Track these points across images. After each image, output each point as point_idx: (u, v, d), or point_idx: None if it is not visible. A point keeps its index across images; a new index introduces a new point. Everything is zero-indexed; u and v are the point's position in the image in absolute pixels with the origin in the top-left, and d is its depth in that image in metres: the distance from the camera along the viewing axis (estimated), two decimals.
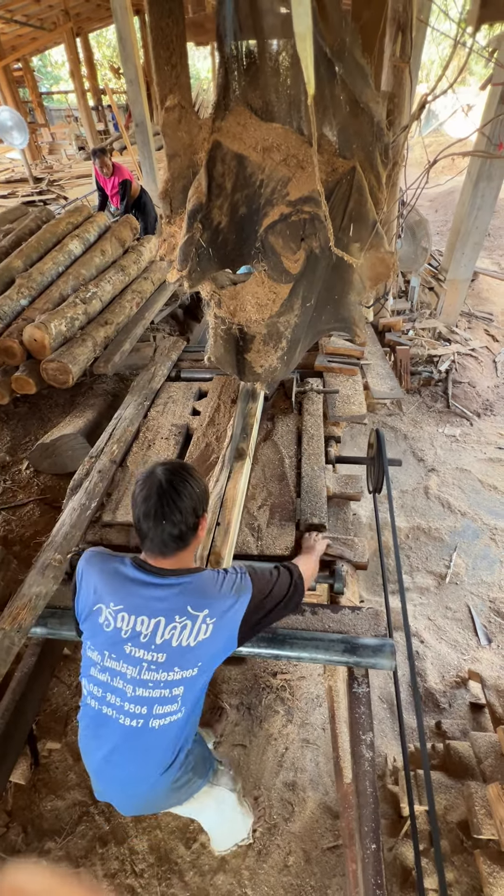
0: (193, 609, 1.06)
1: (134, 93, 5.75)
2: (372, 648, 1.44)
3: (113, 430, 2.42)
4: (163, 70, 1.49)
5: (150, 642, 1.06)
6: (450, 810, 1.53)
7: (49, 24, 10.78)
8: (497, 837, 1.31)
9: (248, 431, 2.11)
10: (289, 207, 1.65)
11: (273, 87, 1.56)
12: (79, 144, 13.10)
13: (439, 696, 2.22)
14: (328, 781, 1.94)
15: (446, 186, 8.35)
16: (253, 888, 1.68)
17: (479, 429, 3.98)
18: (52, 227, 3.76)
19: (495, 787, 1.34)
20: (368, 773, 1.30)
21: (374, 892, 1.13)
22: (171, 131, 1.57)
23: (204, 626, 1.06)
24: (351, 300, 2.08)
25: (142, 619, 1.06)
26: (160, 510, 1.05)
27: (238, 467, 1.96)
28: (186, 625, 1.05)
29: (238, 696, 2.21)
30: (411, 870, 1.56)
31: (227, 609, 1.09)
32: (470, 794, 1.42)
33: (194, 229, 1.65)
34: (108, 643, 1.09)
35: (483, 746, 1.62)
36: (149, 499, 1.07)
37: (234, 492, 1.85)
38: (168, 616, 1.06)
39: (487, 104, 3.57)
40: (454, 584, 2.80)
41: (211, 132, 1.57)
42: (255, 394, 2.31)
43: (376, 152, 1.65)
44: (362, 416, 2.53)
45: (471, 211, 4.05)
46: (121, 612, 1.07)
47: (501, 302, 5.43)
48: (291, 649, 1.47)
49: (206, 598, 1.09)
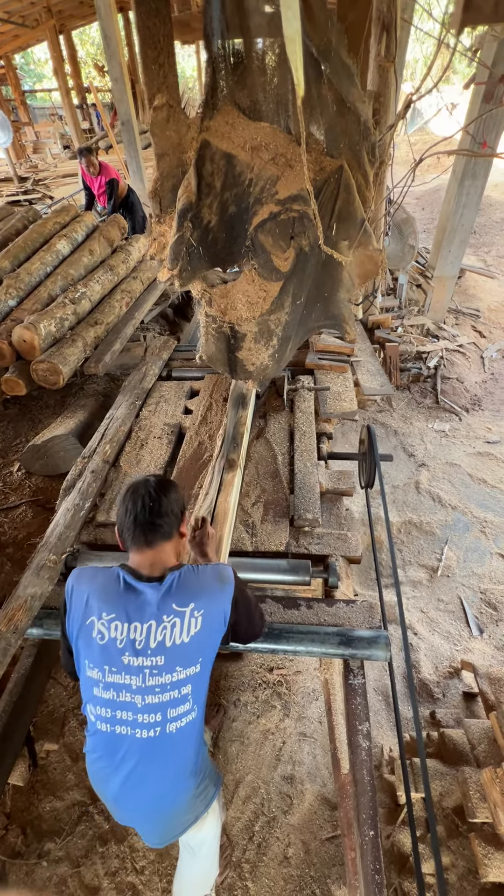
0: (178, 605, 1.06)
1: (119, 91, 5.71)
2: (367, 640, 1.46)
3: (105, 430, 2.42)
4: (150, 69, 1.49)
5: (146, 647, 1.04)
6: (445, 796, 1.57)
7: (31, 22, 10.66)
8: (491, 820, 1.34)
9: (239, 441, 2.10)
10: (278, 206, 1.66)
11: (260, 87, 1.57)
12: (63, 143, 12.98)
13: (433, 686, 2.26)
14: (325, 773, 1.97)
15: (432, 184, 8.42)
16: (253, 881, 1.70)
17: (468, 424, 4.04)
18: (40, 227, 3.74)
19: (489, 771, 1.38)
20: (366, 763, 1.32)
21: (373, 877, 1.15)
22: (160, 130, 1.57)
23: (193, 620, 1.06)
24: (340, 297, 2.10)
25: (135, 626, 1.05)
26: (145, 500, 1.10)
27: (229, 479, 1.93)
28: (175, 622, 1.05)
29: (235, 692, 2.23)
30: (408, 856, 1.59)
31: (212, 599, 1.10)
32: (464, 779, 1.46)
33: (184, 228, 1.66)
34: (105, 657, 1.06)
35: (476, 733, 1.66)
36: (135, 495, 1.12)
37: (225, 505, 1.82)
38: (157, 618, 1.05)
39: (471, 103, 3.61)
40: (446, 576, 2.84)
41: (199, 131, 1.58)
42: (245, 401, 2.31)
43: (363, 151, 1.67)
44: (353, 412, 2.56)
45: (456, 209, 4.10)
46: (114, 622, 1.06)
47: (487, 298, 5.50)
48: (288, 643, 1.49)
49: (188, 592, 1.08)
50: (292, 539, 1.91)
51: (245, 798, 1.91)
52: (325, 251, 1.63)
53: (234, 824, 1.84)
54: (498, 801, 1.30)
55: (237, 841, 1.80)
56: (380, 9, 1.83)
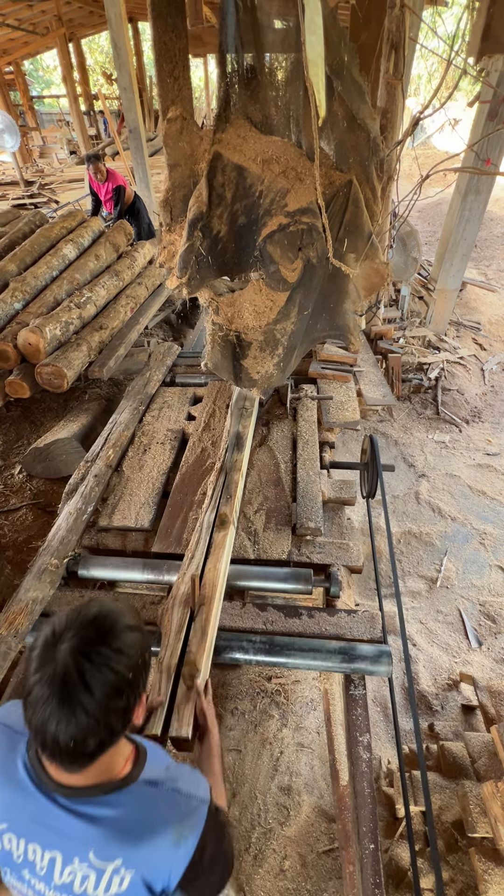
0: (98, 857, 0.73)
1: (128, 99, 5.79)
2: (370, 658, 1.45)
3: (108, 434, 2.43)
4: (165, 82, 1.52)
5: (49, 878, 0.75)
6: (444, 810, 1.56)
7: (42, 29, 10.81)
8: (491, 835, 1.33)
9: (233, 490, 1.87)
10: (287, 218, 1.68)
11: (272, 102, 1.61)
12: (70, 149, 13.09)
13: (432, 698, 2.26)
14: (323, 785, 1.96)
15: (434, 198, 8.53)
16: (250, 894, 1.68)
17: (468, 435, 4.06)
18: (46, 232, 3.76)
19: (490, 785, 1.37)
20: (366, 774, 1.31)
21: (373, 891, 1.14)
22: (173, 142, 1.59)
23: (117, 879, 0.73)
24: (346, 308, 2.12)
25: (33, 848, 0.75)
26: (59, 710, 0.65)
27: (219, 539, 1.64)
28: (89, 875, 0.73)
29: (233, 700, 2.22)
30: (406, 871, 1.58)
31: (155, 859, 0.74)
32: (464, 793, 1.45)
33: (194, 237, 1.68)
34: (3, 860, 0.77)
35: (477, 746, 1.66)
36: (45, 687, 0.66)
37: (214, 573, 1.51)
38: (65, 854, 0.74)
39: (475, 120, 3.68)
40: (445, 587, 2.84)
41: (212, 143, 1.60)
42: (241, 443, 2.13)
43: (372, 166, 1.70)
44: (356, 421, 2.57)
45: (459, 223, 4.16)
46: (6, 833, 0.76)
47: (488, 311, 5.56)
48: (290, 657, 1.47)
49: (120, 838, 0.73)
50: (294, 547, 1.91)
51: (242, 808, 1.90)
52: (334, 264, 1.65)
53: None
54: (499, 816, 1.30)
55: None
56: (389, 28, 1.87)
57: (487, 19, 1.88)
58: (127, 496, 2.13)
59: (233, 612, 1.65)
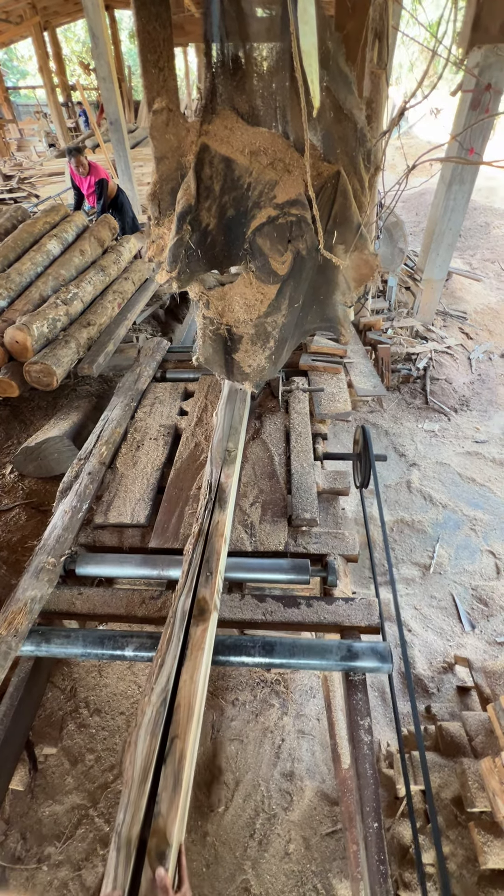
0: None
1: (108, 90, 5.68)
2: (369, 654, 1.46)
3: (101, 431, 2.41)
4: (150, 73, 1.50)
5: None
6: (443, 788, 1.61)
7: (15, 18, 10.51)
8: (490, 809, 1.38)
9: (215, 564, 1.48)
10: (276, 210, 1.68)
11: (259, 92, 1.60)
12: (49, 141, 12.81)
13: (427, 681, 2.31)
14: (324, 770, 2.00)
15: (418, 188, 8.55)
16: (256, 877, 1.71)
17: (457, 424, 4.12)
18: (29, 227, 3.70)
19: (488, 761, 1.42)
20: (368, 756, 1.35)
21: (377, 867, 1.18)
22: (160, 134, 1.58)
23: None
24: (336, 300, 2.13)
25: None
26: None
27: (198, 636, 1.22)
28: None
29: (233, 691, 2.24)
30: (407, 848, 1.63)
31: None
32: (463, 770, 1.50)
33: (183, 231, 1.67)
34: None
35: (474, 725, 1.70)
36: None
37: (191, 686, 1.12)
38: None
39: (458, 109, 3.69)
40: (438, 573, 2.90)
41: (199, 135, 1.59)
42: (223, 498, 1.73)
43: (359, 157, 1.70)
44: (347, 413, 2.59)
45: (444, 213, 4.18)
46: None
47: (474, 301, 5.62)
48: (291, 658, 1.47)
49: None
50: (290, 538, 1.93)
51: (245, 796, 1.93)
52: (325, 255, 1.66)
53: (234, 822, 1.86)
54: (497, 790, 1.35)
55: (238, 838, 1.82)
56: (373, 17, 1.87)
57: (477, 10, 1.89)
58: (122, 493, 2.13)
59: (232, 604, 1.66)
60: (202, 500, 1.76)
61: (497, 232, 7.67)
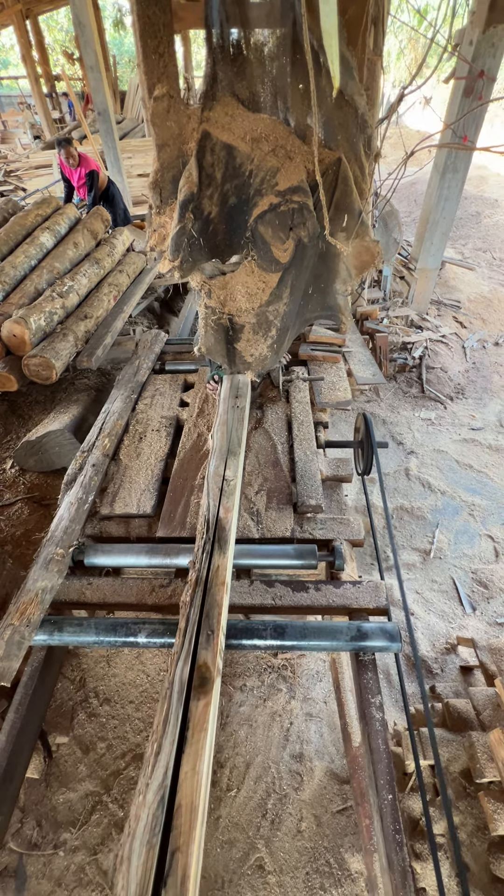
0: None
1: (95, 80, 5.59)
2: (378, 634, 1.50)
3: (102, 424, 2.41)
4: (150, 59, 1.49)
5: None
6: (452, 762, 1.65)
7: None
8: (499, 779, 1.43)
9: (216, 620, 1.23)
10: (278, 197, 1.69)
11: (260, 78, 1.59)
12: (34, 133, 12.58)
13: (431, 662, 2.36)
14: (333, 750, 2.04)
15: (410, 178, 8.54)
16: (269, 855, 1.76)
17: (453, 412, 4.16)
18: (21, 220, 3.65)
19: (496, 733, 1.46)
20: (380, 732, 1.38)
21: (393, 837, 1.22)
22: (161, 121, 1.57)
23: None
24: (337, 288, 2.14)
25: None
26: None
27: (200, 713, 1.01)
28: None
29: (241, 677, 2.27)
30: (418, 820, 1.68)
31: None
32: (471, 742, 1.54)
33: (186, 219, 1.67)
34: None
35: (481, 700, 1.75)
36: None
37: (193, 780, 0.91)
38: None
39: (451, 97, 3.69)
40: (438, 558, 2.94)
41: (200, 122, 1.59)
42: (223, 555, 1.44)
43: (360, 143, 1.71)
44: (348, 401, 2.62)
45: (438, 202, 4.19)
46: None
47: (467, 290, 5.65)
48: (301, 640, 1.49)
49: None
50: (297, 525, 1.95)
51: (256, 778, 1.96)
52: (329, 241, 1.67)
53: (246, 804, 1.90)
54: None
55: (251, 819, 1.85)
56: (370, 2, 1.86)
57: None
58: (127, 484, 2.13)
59: (241, 590, 1.69)
60: (198, 538, 1.49)
61: (488, 221, 7.70)
